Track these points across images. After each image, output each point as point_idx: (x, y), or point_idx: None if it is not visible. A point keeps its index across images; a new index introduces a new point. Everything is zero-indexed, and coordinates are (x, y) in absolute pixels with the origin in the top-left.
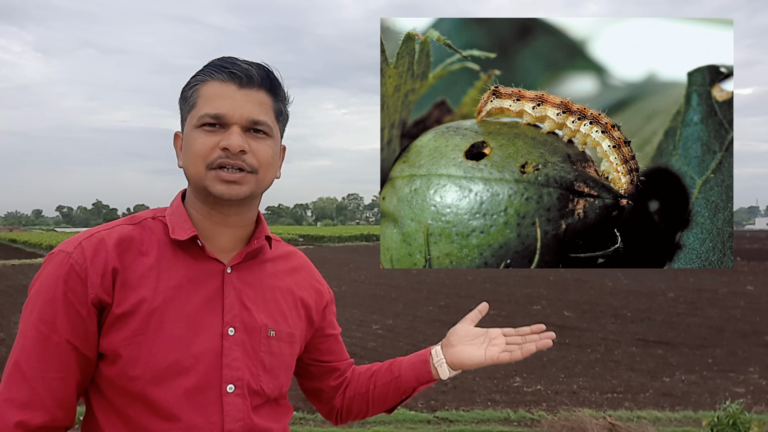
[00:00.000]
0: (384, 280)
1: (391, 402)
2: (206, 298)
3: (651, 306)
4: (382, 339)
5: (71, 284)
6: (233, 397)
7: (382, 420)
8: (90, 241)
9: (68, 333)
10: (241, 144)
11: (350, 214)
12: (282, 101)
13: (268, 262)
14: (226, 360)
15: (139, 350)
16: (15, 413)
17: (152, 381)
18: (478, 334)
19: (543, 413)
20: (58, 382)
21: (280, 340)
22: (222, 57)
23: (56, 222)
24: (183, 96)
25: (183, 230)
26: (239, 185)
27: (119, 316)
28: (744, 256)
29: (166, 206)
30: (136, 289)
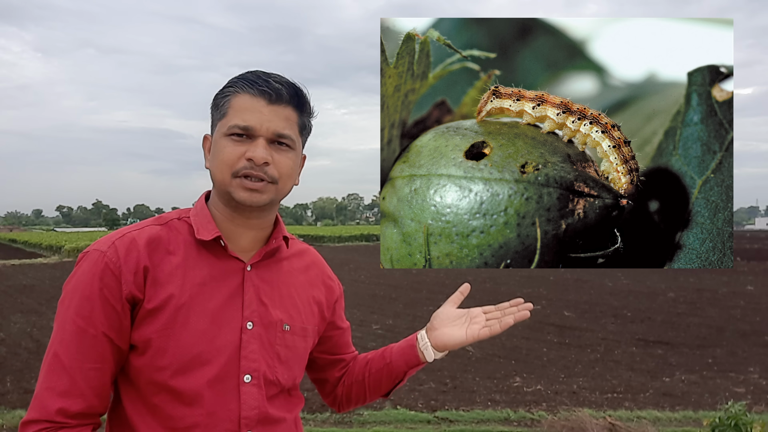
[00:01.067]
0: (384, 280)
1: (386, 387)
2: (228, 294)
3: (651, 306)
4: (382, 339)
5: (106, 281)
6: (250, 386)
7: (382, 420)
8: (123, 241)
9: (104, 326)
10: (264, 156)
11: (350, 214)
12: (307, 116)
13: (284, 260)
14: (244, 352)
15: (167, 342)
16: (56, 401)
17: (178, 371)
18: (460, 315)
19: (543, 413)
20: (94, 372)
21: (295, 334)
22: (256, 71)
23: (56, 222)
24: (215, 103)
25: (207, 231)
26: (260, 193)
27: (150, 311)
28: (744, 256)
29: (190, 207)
30: (164, 286)
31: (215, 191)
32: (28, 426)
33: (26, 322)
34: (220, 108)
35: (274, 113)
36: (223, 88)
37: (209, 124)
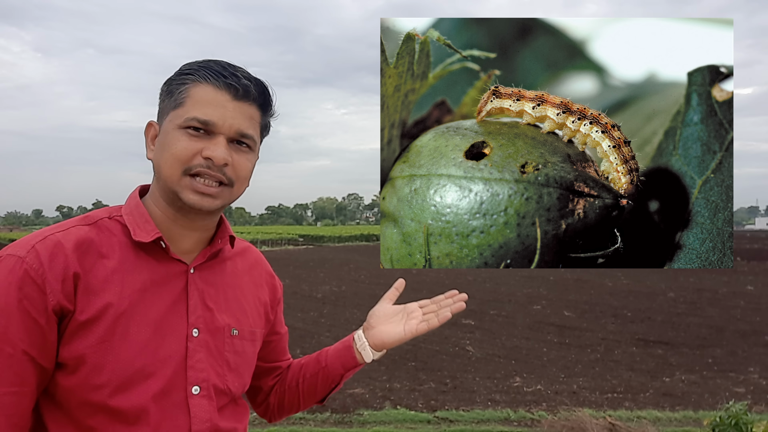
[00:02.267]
0: (384, 280)
1: (321, 392)
2: (171, 300)
3: (651, 306)
4: None
5: (26, 291)
6: (199, 398)
7: (382, 420)
8: (45, 244)
9: (24, 343)
10: (225, 157)
11: (350, 214)
12: (269, 116)
13: (227, 260)
14: (191, 362)
15: (105, 357)
16: None
17: (118, 388)
18: (396, 311)
19: (543, 413)
20: (10, 397)
21: (243, 339)
22: (219, 61)
23: (56, 222)
24: (169, 89)
25: (146, 232)
26: (213, 198)
27: (83, 323)
28: (744, 256)
29: (120, 205)
30: (99, 294)
31: (157, 187)
32: None
33: None
34: (174, 96)
35: (238, 110)
36: (179, 73)
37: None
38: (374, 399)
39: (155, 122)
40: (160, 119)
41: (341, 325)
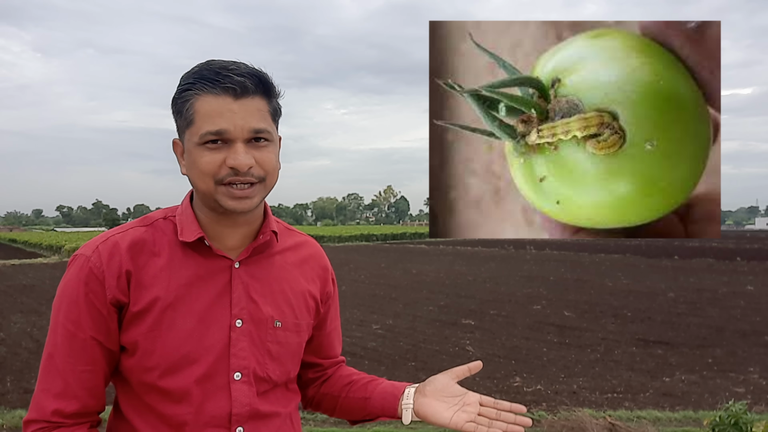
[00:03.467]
0: (384, 280)
1: (355, 417)
2: (215, 293)
3: (651, 306)
4: (382, 339)
5: (91, 286)
6: (240, 384)
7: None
8: (105, 245)
9: (92, 330)
10: (248, 162)
11: (350, 214)
12: (275, 99)
13: (276, 255)
14: (234, 350)
15: (154, 344)
16: (52, 402)
17: (166, 371)
18: (455, 394)
19: (543, 413)
20: (87, 374)
21: (287, 330)
22: (210, 65)
23: (56, 222)
24: (177, 108)
25: (190, 232)
26: (249, 199)
27: (136, 314)
28: (744, 256)
29: (178, 205)
30: (149, 288)
31: (199, 197)
32: (28, 425)
33: (26, 322)
34: (183, 114)
35: (244, 109)
36: (180, 89)
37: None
38: None
39: (178, 140)
40: (180, 136)
41: (341, 325)
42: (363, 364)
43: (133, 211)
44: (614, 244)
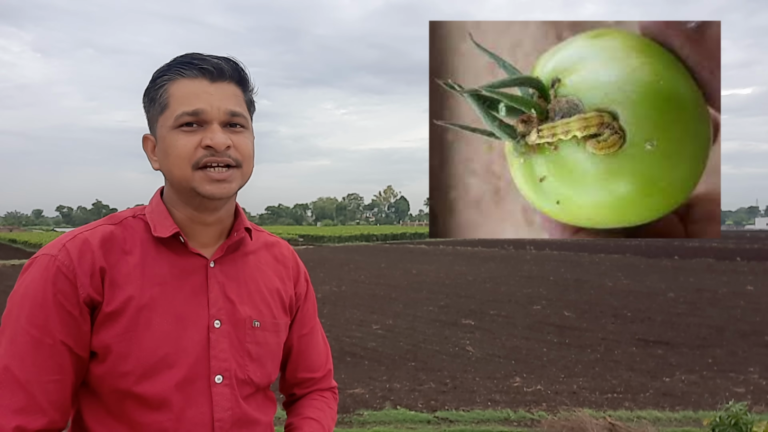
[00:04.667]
0: (384, 280)
1: None
2: (191, 292)
3: (651, 306)
4: (382, 339)
5: (60, 286)
6: (221, 387)
7: (382, 420)
8: (74, 243)
9: (61, 334)
10: (225, 140)
11: (350, 214)
12: (250, 92)
13: (250, 254)
14: (213, 352)
15: (129, 346)
16: (11, 419)
17: (143, 376)
18: None
19: (543, 413)
20: (53, 384)
21: (265, 330)
22: (185, 55)
23: (56, 222)
24: (150, 97)
25: (165, 228)
26: (228, 183)
27: (109, 314)
28: (744, 256)
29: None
30: (123, 287)
31: (172, 189)
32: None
33: None
34: (157, 101)
35: (220, 92)
36: (153, 80)
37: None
38: (374, 399)
39: (149, 135)
40: (152, 130)
41: (341, 325)
42: (363, 364)
43: None
44: (614, 244)
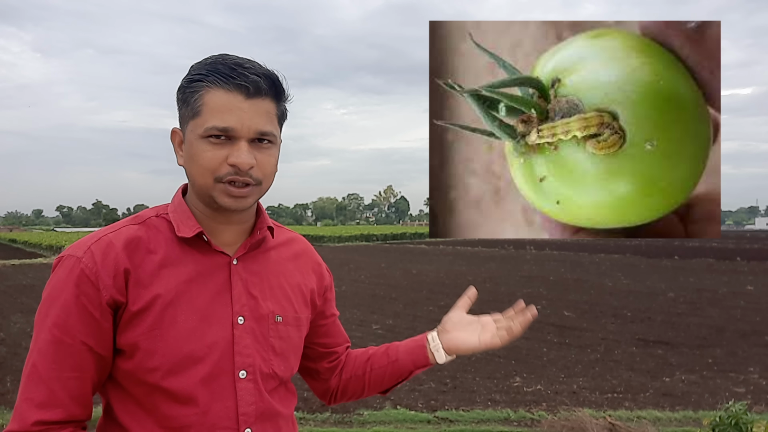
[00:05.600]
0: (384, 280)
1: (388, 383)
2: (215, 290)
3: (651, 306)
4: (382, 339)
5: (83, 288)
6: (245, 382)
7: (382, 420)
8: (99, 245)
9: (82, 335)
10: (250, 161)
11: (350, 214)
12: (284, 103)
13: (271, 250)
14: (238, 348)
15: (156, 343)
16: (34, 412)
17: (170, 371)
18: (471, 321)
19: (543, 413)
20: (73, 381)
21: (288, 325)
22: (225, 60)
23: (56, 222)
24: (184, 98)
25: (188, 227)
26: (245, 198)
27: (135, 313)
28: (744, 256)
29: (168, 203)
30: (148, 286)
31: (194, 191)
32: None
33: (26, 322)
34: (190, 104)
35: (253, 109)
36: (189, 79)
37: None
38: (374, 399)
39: (179, 129)
40: (182, 126)
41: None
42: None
43: (133, 211)
44: (614, 244)
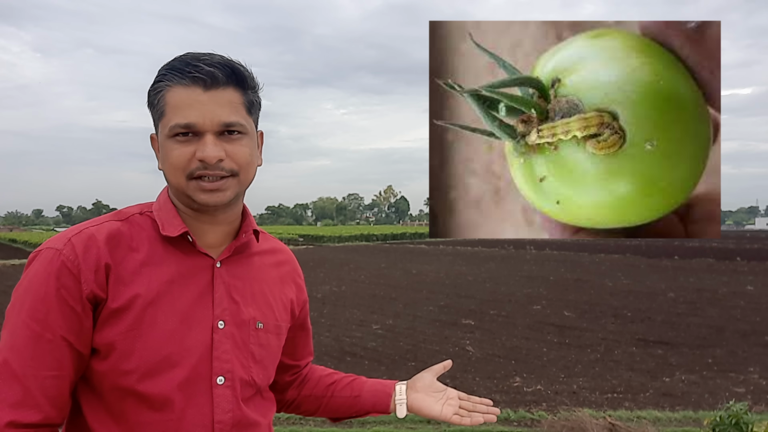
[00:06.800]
0: (384, 280)
1: (343, 414)
2: (197, 292)
3: (651, 306)
4: (382, 339)
5: (63, 280)
6: (223, 389)
7: (381, 420)
8: (80, 237)
9: (63, 329)
10: (217, 154)
11: (350, 214)
12: (252, 91)
13: (255, 255)
14: (216, 353)
15: (134, 344)
16: (6, 413)
17: (146, 374)
18: (439, 389)
19: (543, 413)
20: (51, 380)
21: (268, 332)
22: (184, 56)
23: (56, 222)
24: (150, 101)
25: (173, 227)
26: (222, 192)
27: (114, 311)
28: (744, 256)
29: (152, 201)
30: (129, 284)
31: (173, 192)
32: None
33: None
34: (156, 106)
35: (214, 101)
36: (153, 82)
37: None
38: None
39: (155, 135)
40: (155, 130)
41: (341, 325)
42: (363, 364)
43: None
44: (614, 244)
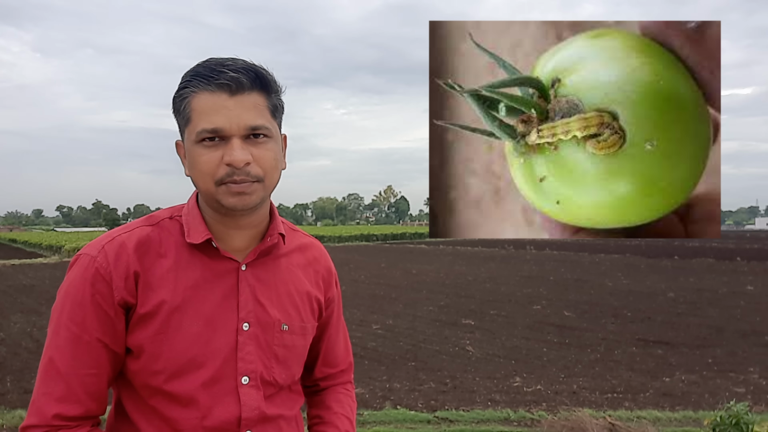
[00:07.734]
0: (384, 280)
1: None
2: (222, 296)
3: (651, 306)
4: (382, 339)
5: (98, 287)
6: (248, 388)
7: (382, 420)
8: (112, 245)
9: (98, 332)
10: (244, 157)
11: (350, 214)
12: (275, 95)
13: (282, 257)
14: (241, 354)
15: (161, 347)
16: (53, 406)
17: (172, 375)
18: None
19: (543, 413)
20: (90, 377)
21: (293, 333)
22: (208, 62)
23: (56, 222)
24: (175, 107)
25: (197, 233)
26: (249, 195)
27: (143, 316)
28: (744, 256)
29: (184, 203)
30: (156, 290)
31: (202, 198)
32: (27, 431)
33: (26, 322)
34: (181, 113)
35: (240, 105)
36: (178, 88)
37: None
38: (374, 399)
39: (181, 141)
40: (181, 136)
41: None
42: (363, 364)
43: (133, 211)
44: (614, 244)
